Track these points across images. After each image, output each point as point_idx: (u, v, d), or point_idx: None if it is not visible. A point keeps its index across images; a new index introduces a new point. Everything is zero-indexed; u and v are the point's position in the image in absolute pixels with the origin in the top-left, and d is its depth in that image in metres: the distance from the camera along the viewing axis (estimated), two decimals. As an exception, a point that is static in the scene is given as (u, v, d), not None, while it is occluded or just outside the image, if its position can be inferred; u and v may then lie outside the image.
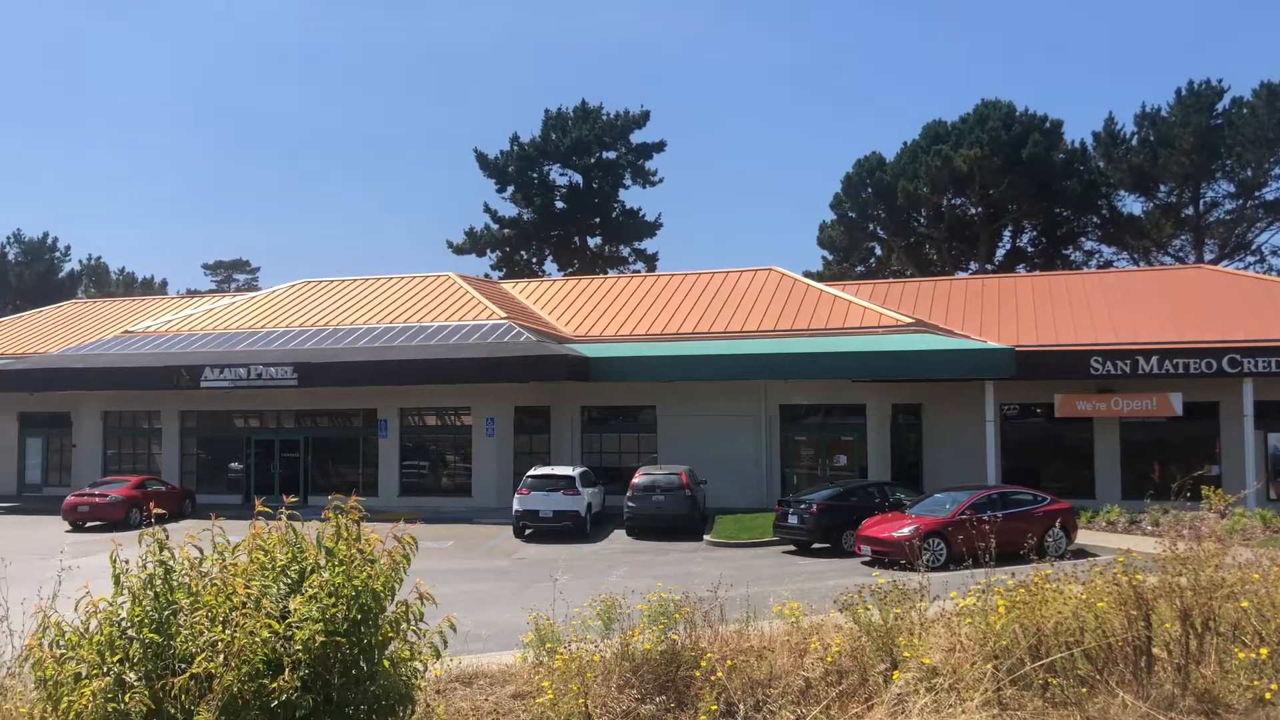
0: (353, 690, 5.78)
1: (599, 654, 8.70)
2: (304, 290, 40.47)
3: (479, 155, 62.79)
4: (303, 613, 5.65)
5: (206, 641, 5.48)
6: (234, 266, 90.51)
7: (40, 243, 75.34)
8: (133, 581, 5.95)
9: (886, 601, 9.15)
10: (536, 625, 9.44)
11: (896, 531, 20.85)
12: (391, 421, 34.10)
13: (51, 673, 5.62)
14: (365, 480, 33.32)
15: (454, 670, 9.47)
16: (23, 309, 57.85)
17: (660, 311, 35.88)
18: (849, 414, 31.79)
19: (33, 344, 41.45)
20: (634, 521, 26.25)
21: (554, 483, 26.33)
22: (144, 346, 35.84)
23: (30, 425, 39.70)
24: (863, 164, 60.44)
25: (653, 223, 63.87)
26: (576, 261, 62.66)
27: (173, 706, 5.45)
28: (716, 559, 22.10)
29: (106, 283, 78.31)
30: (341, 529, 6.27)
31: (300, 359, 32.02)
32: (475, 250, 63.83)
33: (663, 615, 9.08)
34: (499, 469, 32.72)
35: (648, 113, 62.87)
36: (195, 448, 37.03)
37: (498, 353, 30.26)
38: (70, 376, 34.87)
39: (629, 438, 33.51)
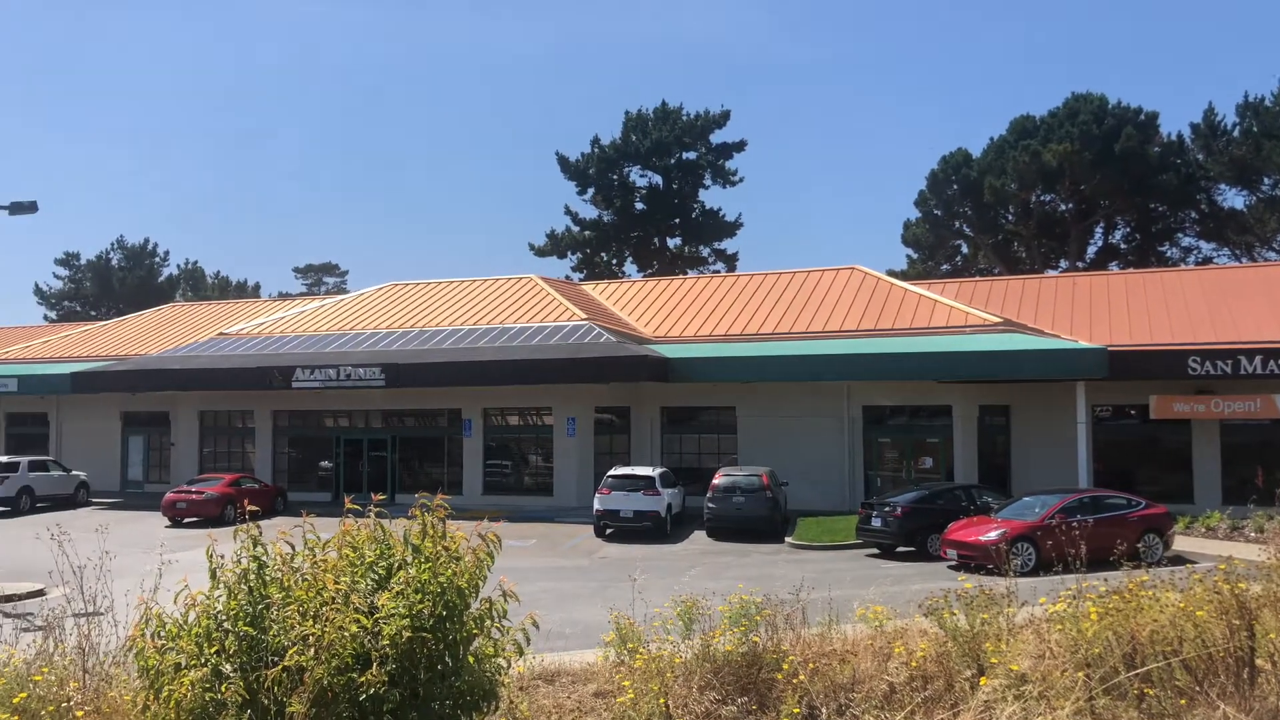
0: (438, 685, 5.88)
1: (680, 655, 8.70)
2: (391, 293, 41.32)
3: (560, 158, 63.38)
4: (390, 608, 5.77)
5: (298, 635, 5.63)
6: (324, 270, 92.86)
7: (141, 248, 78.35)
8: (228, 576, 6.16)
9: (973, 606, 8.97)
10: (617, 624, 9.47)
11: (983, 535, 20.40)
12: (475, 421, 34.60)
13: (153, 662, 5.84)
14: (450, 479, 33.87)
15: (537, 667, 9.56)
16: (125, 312, 60.21)
17: (740, 312, 35.72)
18: (934, 415, 31.21)
19: (134, 346, 43.06)
20: (714, 523, 26.17)
21: (634, 483, 26.40)
22: (238, 348, 36.99)
23: (132, 424, 41.28)
24: (948, 160, 59.35)
25: (733, 223, 63.68)
26: (656, 262, 62.76)
27: (266, 698, 5.61)
28: (798, 562, 21.90)
29: (203, 286, 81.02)
30: (428, 526, 6.39)
31: (387, 360, 32.70)
32: (556, 252, 64.39)
33: (744, 617, 9.03)
34: (579, 469, 32.95)
35: (728, 112, 62.71)
36: (287, 446, 38.09)
37: (578, 353, 30.48)
38: (169, 377, 36.16)
39: (709, 439, 33.43)
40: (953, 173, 58.89)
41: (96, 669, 7.19)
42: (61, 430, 42.45)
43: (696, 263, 63.97)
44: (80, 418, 41.89)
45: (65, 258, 78.09)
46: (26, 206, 22.01)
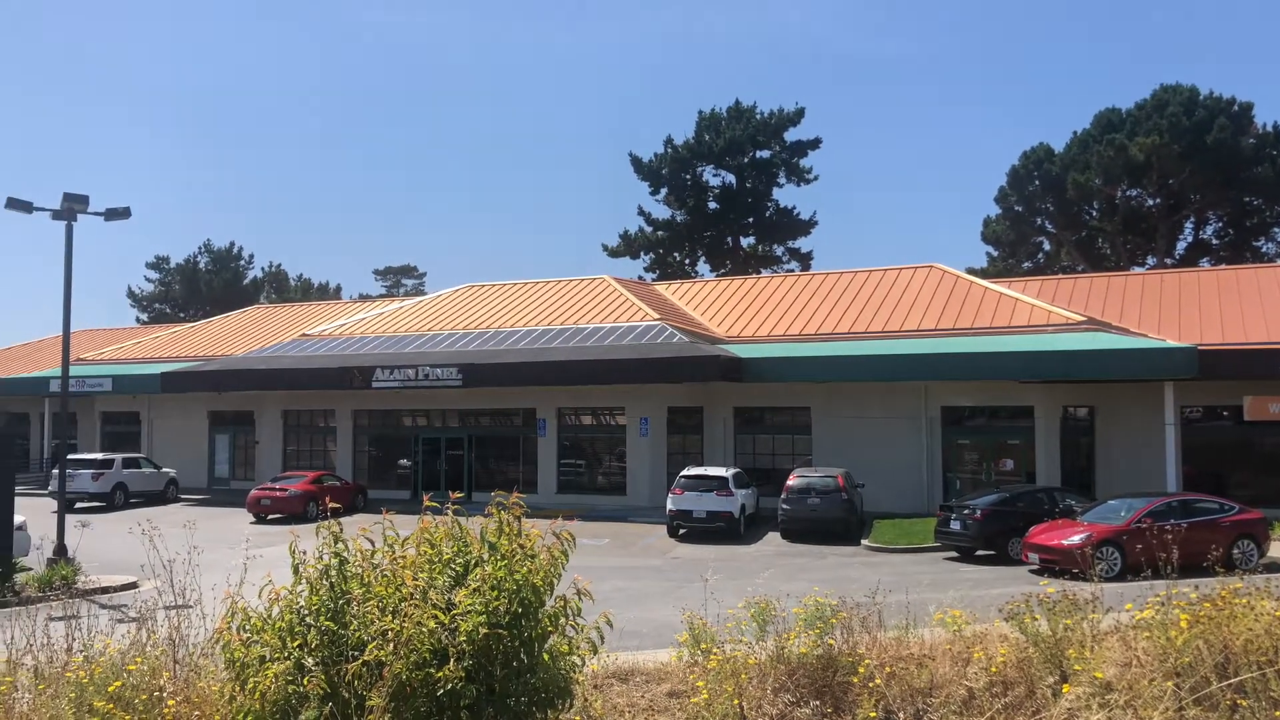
0: (514, 682, 5.94)
1: (754, 656, 8.65)
2: (468, 294, 41.89)
3: (633, 159, 63.53)
4: (467, 605, 5.84)
5: (377, 630, 5.74)
6: (402, 272, 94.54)
7: (227, 252, 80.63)
8: (310, 572, 6.30)
9: (1056, 612, 8.75)
10: (691, 625, 9.46)
11: (1067, 539, 19.89)
12: (550, 421, 34.88)
13: (239, 655, 6.01)
14: (525, 478, 34.19)
15: (611, 666, 9.59)
16: (212, 314, 62.06)
17: (815, 311, 35.39)
18: (1016, 416, 30.49)
19: (220, 347, 44.36)
20: (788, 524, 25.98)
21: (707, 483, 26.34)
22: (320, 349, 37.85)
23: (219, 423, 42.53)
24: (1029, 156, 58.03)
25: (807, 221, 63.12)
26: (729, 262, 62.54)
27: (347, 691, 5.72)
28: (874, 564, 21.63)
29: (286, 288, 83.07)
30: (503, 524, 6.46)
31: (464, 360, 33.15)
32: (629, 253, 64.55)
33: (819, 619, 8.94)
34: (652, 468, 33.00)
35: (802, 110, 62.20)
36: (367, 445, 38.88)
37: (651, 353, 30.52)
38: (253, 377, 37.17)
39: (783, 439, 33.19)
40: (1034, 168, 57.56)
41: (186, 660, 7.42)
42: (152, 428, 43.96)
43: (770, 262, 63.58)
44: (170, 416, 43.32)
45: (156, 261, 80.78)
46: (120, 212, 22.80)
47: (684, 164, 62.44)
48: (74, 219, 21.86)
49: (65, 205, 21.71)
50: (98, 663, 7.15)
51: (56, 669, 7.37)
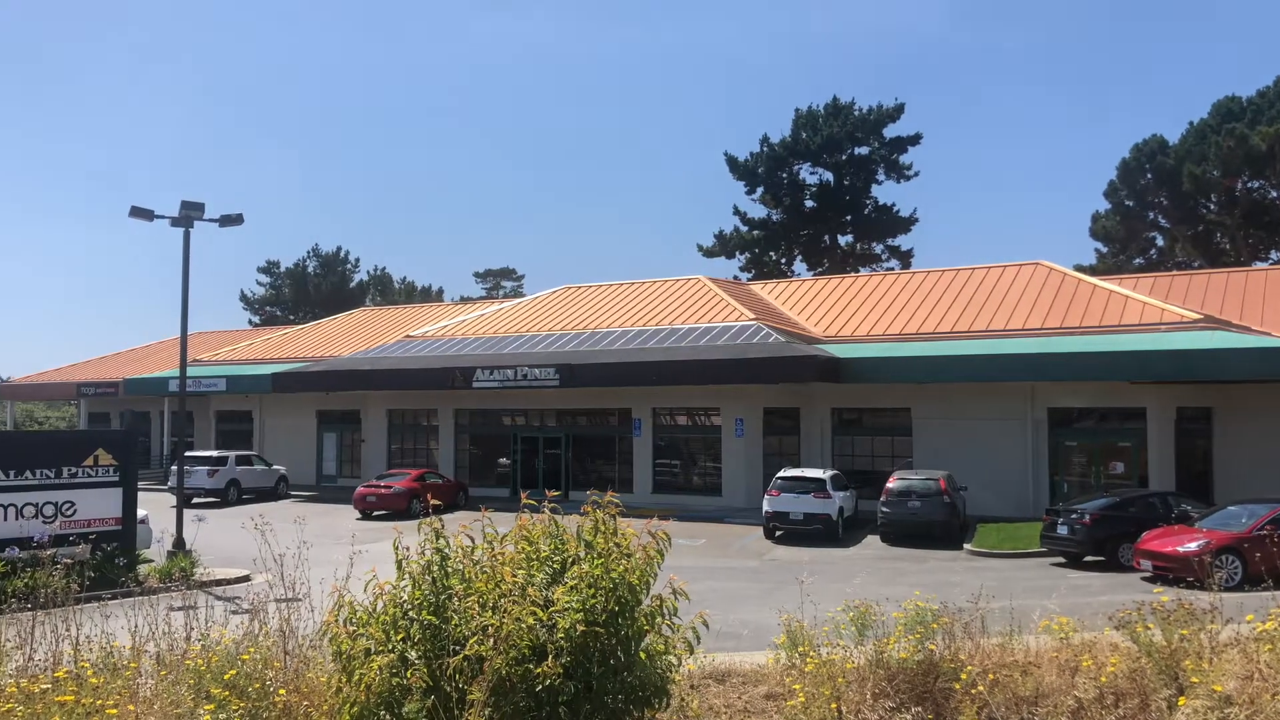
0: (611, 680, 5.97)
1: (852, 660, 8.53)
2: (565, 295, 42.34)
3: (729, 158, 63.27)
4: (564, 602, 5.90)
5: (478, 625, 5.84)
6: (502, 274, 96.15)
7: (334, 256, 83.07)
8: (413, 567, 6.45)
9: (1170, 621, 8.42)
10: (788, 627, 9.38)
11: (1183, 546, 19.09)
12: (645, 421, 35.01)
13: (345, 647, 6.18)
14: (620, 477, 34.39)
15: (707, 666, 9.58)
16: (320, 316, 64.02)
17: (916, 310, 34.71)
18: (1127, 418, 29.38)
19: (328, 348, 45.75)
20: (888, 527, 25.55)
21: (804, 485, 26.09)
22: (422, 350, 38.72)
23: (327, 422, 43.87)
24: (1141, 148, 55.89)
25: (907, 218, 61.93)
26: (827, 261, 61.78)
27: (448, 685, 5.84)
28: (977, 569, 21.12)
29: (390, 291, 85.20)
30: (600, 523, 6.51)
31: (561, 360, 33.51)
32: (724, 253, 64.31)
33: (919, 624, 8.77)
34: (748, 469, 32.82)
35: (902, 105, 61.05)
36: (468, 443, 39.62)
37: (746, 354, 30.36)
38: (359, 378, 38.23)
39: (882, 441, 32.64)
40: (1147, 161, 55.41)
41: (295, 651, 7.66)
42: (264, 427, 45.60)
43: (869, 260, 62.60)
44: (280, 415, 44.87)
45: (267, 266, 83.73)
46: (234, 219, 23.71)
47: (780, 162, 61.93)
48: (191, 226, 22.82)
49: (183, 213, 22.68)
50: (214, 651, 7.43)
51: (176, 656, 7.69)
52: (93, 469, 19.50)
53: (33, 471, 18.71)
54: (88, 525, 19.13)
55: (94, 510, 19.38)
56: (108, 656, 7.73)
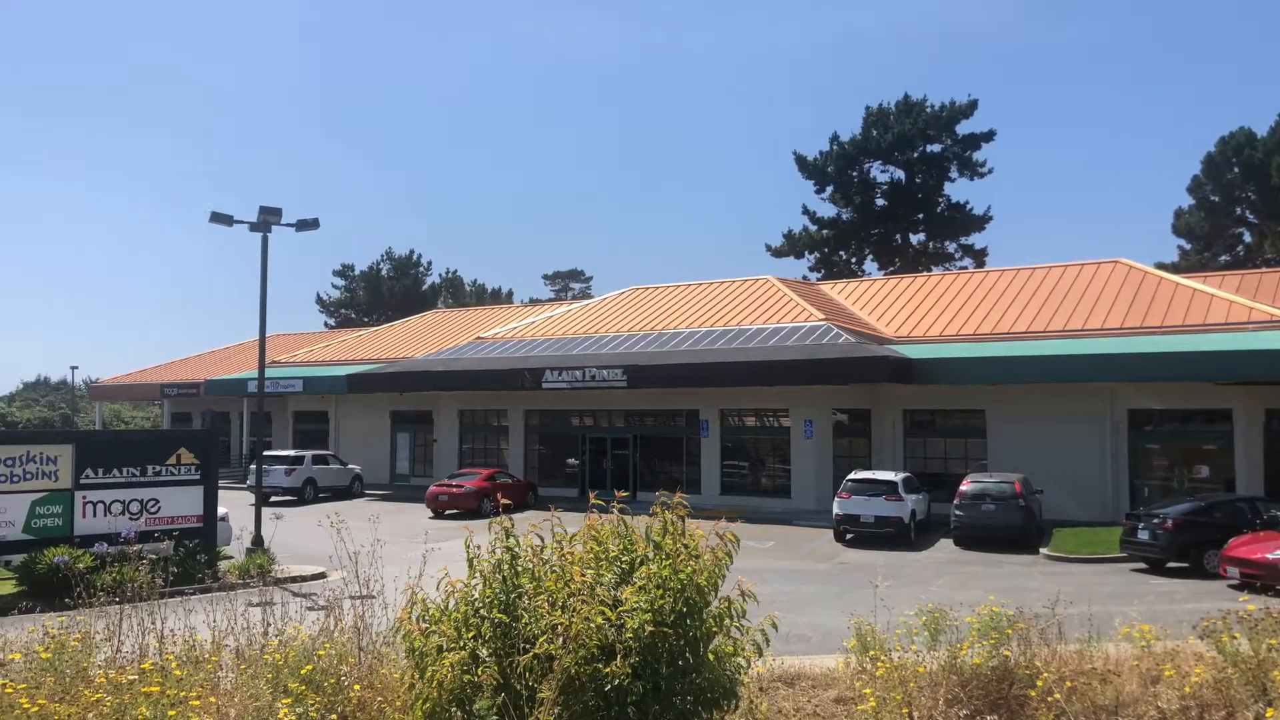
0: (679, 680, 5.97)
1: (924, 665, 8.40)
2: (632, 297, 42.44)
3: (798, 157, 62.82)
4: (633, 602, 5.91)
5: (547, 624, 5.88)
6: (570, 276, 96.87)
7: (407, 259, 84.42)
8: (484, 566, 6.53)
9: (1259, 630, 8.13)
10: (859, 630, 9.27)
11: (1272, 553, 18.40)
12: (712, 422, 34.91)
13: (418, 644, 6.28)
14: (688, 478, 34.34)
15: (776, 669, 9.51)
16: (393, 318, 65.11)
17: (990, 309, 34.06)
18: (1212, 420, 28.43)
19: (401, 349, 46.50)
20: (961, 531, 25.10)
21: (876, 487, 25.77)
22: (493, 351, 39.15)
23: (400, 422, 44.60)
24: (1228, 142, 54.14)
25: (981, 216, 60.83)
26: (898, 260, 60.97)
27: (518, 683, 5.89)
28: (1053, 574, 20.64)
29: (461, 293, 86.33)
30: (668, 524, 6.51)
31: (629, 362, 33.59)
32: (793, 252, 63.87)
33: (994, 629, 8.60)
34: (818, 471, 32.53)
35: (975, 101, 60.00)
36: (537, 443, 39.95)
37: (815, 354, 30.09)
38: (431, 378, 38.78)
39: (955, 443, 32.09)
40: (1233, 155, 53.66)
41: (369, 647, 7.80)
42: (339, 427, 46.55)
43: (942, 259, 61.62)
44: (355, 415, 45.75)
45: (342, 269, 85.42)
46: (309, 223, 24.23)
47: (850, 161, 61.30)
48: (268, 230, 23.38)
49: (261, 218, 23.25)
50: (291, 647, 7.60)
51: (255, 651, 7.89)
52: (175, 467, 20.11)
53: (120, 470, 19.35)
54: (171, 522, 19.73)
55: (177, 508, 19.98)
56: (190, 650, 7.96)
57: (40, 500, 18.31)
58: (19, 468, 18.10)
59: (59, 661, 7.28)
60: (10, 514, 17.96)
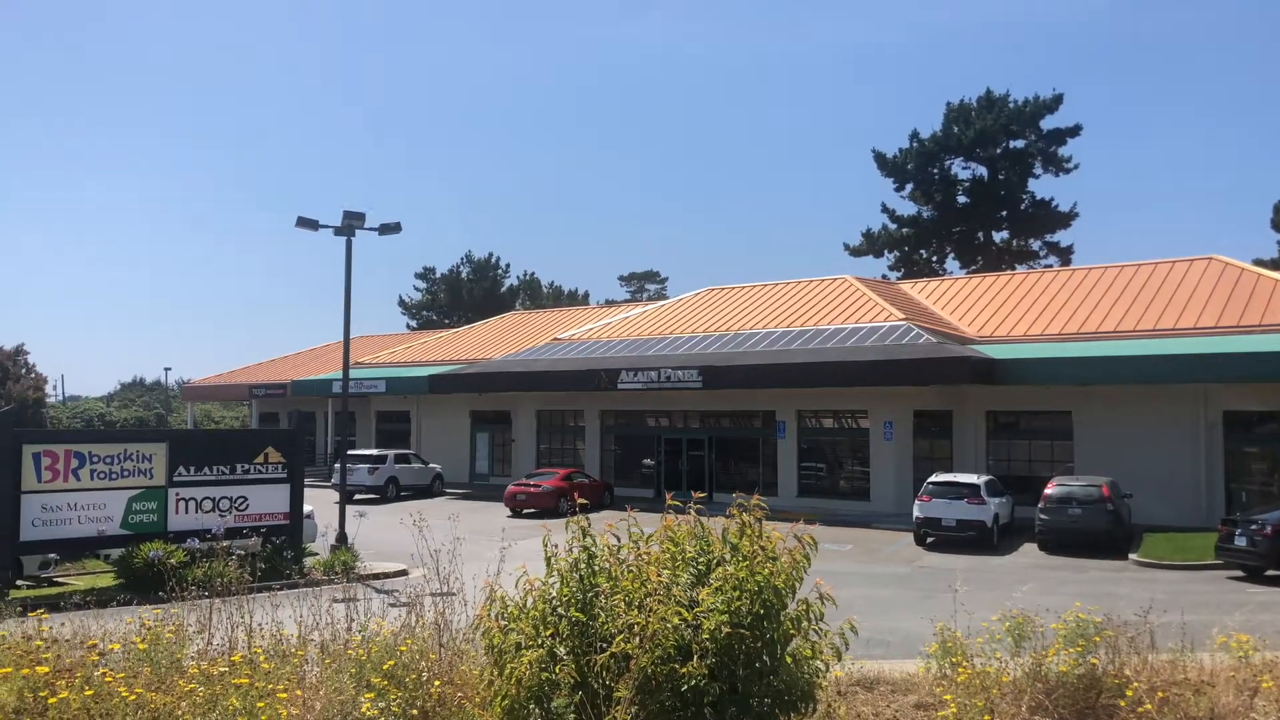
0: (756, 682, 5.94)
1: (1008, 672, 8.22)
2: (708, 297, 42.36)
3: (877, 155, 62.01)
4: (709, 603, 5.90)
5: (624, 624, 5.91)
6: (645, 277, 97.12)
7: (486, 262, 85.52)
8: (561, 564, 6.58)
9: (1365, 643, 7.77)
10: (940, 635, 9.11)
11: (1379, 562, 17.59)
12: (789, 423, 34.66)
13: (497, 641, 6.35)
14: (765, 480, 34.14)
15: (855, 673, 9.41)
16: (473, 320, 66.03)
17: (1076, 308, 33.17)
18: (1314, 422, 27.27)
19: (480, 351, 47.13)
20: (1046, 535, 24.48)
21: (957, 490, 25.30)
22: (569, 352, 39.44)
23: (479, 422, 45.21)
24: (1329, 131, 51.85)
25: (1066, 213, 59.29)
26: (980, 258, 59.75)
27: (595, 681, 5.92)
28: (1144, 581, 20.01)
29: (539, 295, 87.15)
30: (745, 526, 6.49)
31: (704, 362, 33.52)
32: (872, 251, 63.05)
33: (1081, 636, 8.37)
34: (897, 474, 32.06)
35: (1060, 96, 58.47)
36: (613, 444, 40.13)
37: (895, 355, 29.65)
38: (509, 379, 39.23)
39: (1040, 445, 31.31)
40: (1336, 145, 51.38)
41: (450, 644, 7.91)
42: (420, 426, 47.37)
43: (1026, 257, 60.22)
44: (436, 415, 46.51)
45: (423, 272, 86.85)
46: (392, 227, 24.70)
47: (931, 158, 60.30)
48: (352, 234, 23.89)
49: (345, 222, 23.77)
50: (374, 642, 7.76)
51: (339, 646, 8.07)
52: (263, 466, 20.68)
53: (210, 468, 19.98)
54: (258, 519, 20.30)
55: (264, 505, 20.54)
56: (277, 644, 8.18)
57: (136, 497, 19.00)
58: (117, 465, 18.81)
59: (154, 652, 7.54)
60: (109, 509, 18.68)
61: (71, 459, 18.29)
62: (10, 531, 17.58)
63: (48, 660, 6.85)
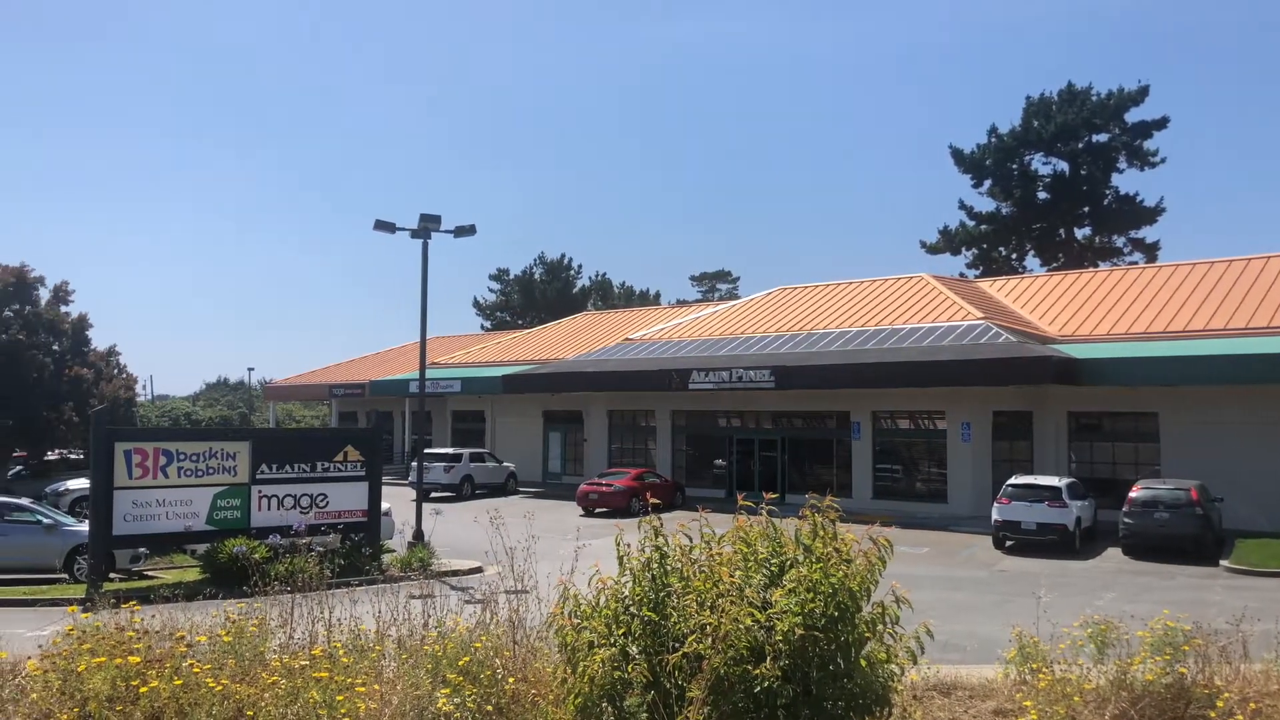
0: (830, 685, 5.88)
1: (1090, 680, 8.01)
2: (780, 297, 42.08)
3: (954, 151, 60.90)
4: (782, 605, 5.86)
5: (696, 624, 5.89)
6: (717, 277, 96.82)
7: (558, 263, 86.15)
8: (633, 564, 6.59)
9: None
10: (1020, 641, 8.91)
11: None
12: (864, 424, 34.23)
13: (570, 639, 6.39)
14: (838, 481, 33.76)
15: (931, 678, 9.26)
16: (545, 321, 66.55)
17: (1163, 306, 32.17)
18: None
19: (553, 351, 47.50)
20: (1131, 540, 23.79)
21: (1038, 493, 24.73)
22: (641, 352, 39.52)
23: (552, 422, 45.57)
24: None
25: (1152, 208, 57.50)
26: (1061, 255, 58.31)
27: (668, 681, 5.92)
28: (1236, 588, 19.32)
29: (610, 295, 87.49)
30: (818, 527, 6.43)
31: (777, 363, 33.29)
32: (949, 249, 61.96)
33: (1168, 644, 8.11)
34: (975, 476, 31.45)
35: (1145, 88, 56.74)
36: (684, 444, 40.09)
37: (973, 354, 29.09)
38: (581, 379, 39.46)
39: (1124, 447, 30.43)
40: None
41: (523, 641, 7.98)
42: (495, 426, 47.92)
43: (1109, 254, 58.58)
44: (509, 415, 47.00)
45: (497, 273, 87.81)
46: (467, 230, 25.02)
47: (1010, 153, 59.01)
48: (428, 237, 24.27)
49: (421, 225, 24.16)
50: (449, 639, 7.86)
51: (415, 641, 8.20)
52: (343, 464, 21.12)
53: (292, 466, 20.47)
54: (338, 516, 20.75)
55: (343, 502, 20.98)
56: (356, 639, 8.35)
57: (221, 494, 19.56)
58: (203, 463, 19.39)
59: (239, 645, 7.75)
60: (196, 505, 19.26)
61: (160, 456, 18.90)
62: (104, 526, 18.24)
63: (139, 651, 7.08)
